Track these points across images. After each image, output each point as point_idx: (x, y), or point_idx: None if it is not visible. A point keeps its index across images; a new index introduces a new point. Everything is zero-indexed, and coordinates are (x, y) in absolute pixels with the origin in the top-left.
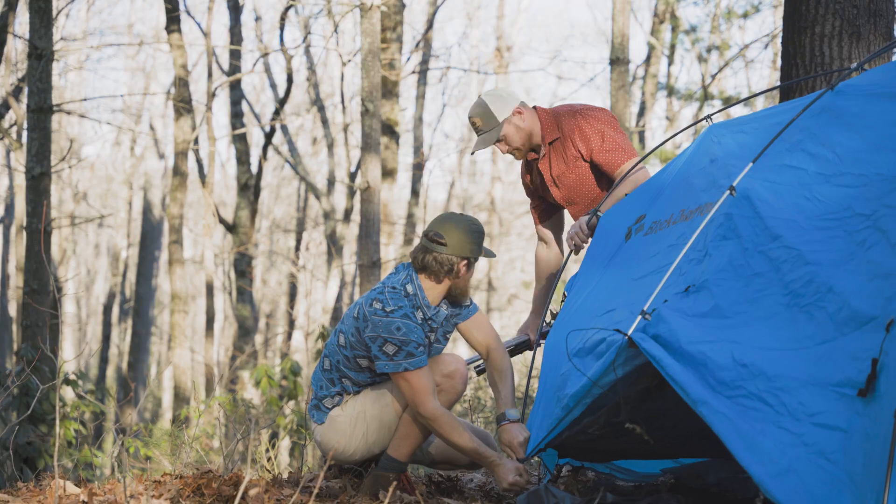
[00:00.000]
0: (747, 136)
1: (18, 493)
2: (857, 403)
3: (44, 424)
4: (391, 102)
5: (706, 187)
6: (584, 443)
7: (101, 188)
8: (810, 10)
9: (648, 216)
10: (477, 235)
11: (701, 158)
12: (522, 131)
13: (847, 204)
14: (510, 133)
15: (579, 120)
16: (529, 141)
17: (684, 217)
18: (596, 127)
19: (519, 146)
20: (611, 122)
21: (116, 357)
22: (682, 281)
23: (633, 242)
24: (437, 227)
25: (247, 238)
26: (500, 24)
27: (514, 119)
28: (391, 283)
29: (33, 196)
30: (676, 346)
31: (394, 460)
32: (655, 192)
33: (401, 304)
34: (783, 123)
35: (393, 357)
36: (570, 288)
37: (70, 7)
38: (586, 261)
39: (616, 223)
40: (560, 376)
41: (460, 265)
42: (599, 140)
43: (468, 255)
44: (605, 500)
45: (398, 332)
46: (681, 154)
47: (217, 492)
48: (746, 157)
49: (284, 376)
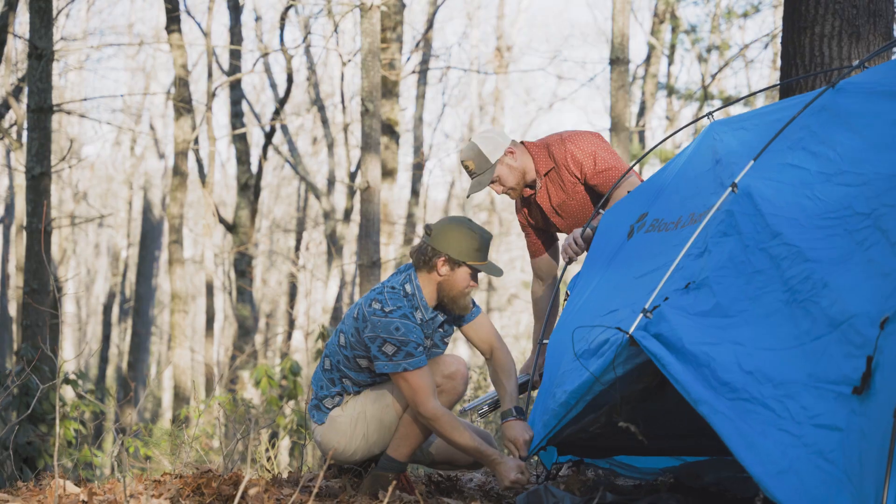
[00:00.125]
0: (748, 132)
1: (18, 493)
2: (853, 401)
3: (44, 424)
4: (391, 102)
5: (715, 190)
6: (584, 440)
7: (102, 188)
8: (810, 10)
9: (650, 214)
10: (469, 240)
11: (704, 158)
12: (516, 170)
13: (847, 203)
14: (504, 174)
15: (569, 146)
16: (524, 179)
17: (693, 220)
18: (587, 150)
19: (514, 185)
20: (600, 144)
21: (116, 357)
22: (682, 277)
23: (636, 240)
24: (437, 222)
25: (247, 238)
26: (501, 23)
27: (506, 159)
28: (391, 283)
29: (33, 196)
30: (679, 346)
31: (393, 460)
32: (657, 189)
33: (399, 305)
34: (784, 120)
35: (392, 357)
36: (572, 287)
37: (70, 7)
38: (588, 259)
39: (618, 221)
40: (561, 374)
41: (438, 260)
42: (592, 162)
43: (448, 252)
44: (604, 500)
45: (397, 333)
46: (682, 152)
47: (217, 491)
48: (748, 155)
49: (284, 376)
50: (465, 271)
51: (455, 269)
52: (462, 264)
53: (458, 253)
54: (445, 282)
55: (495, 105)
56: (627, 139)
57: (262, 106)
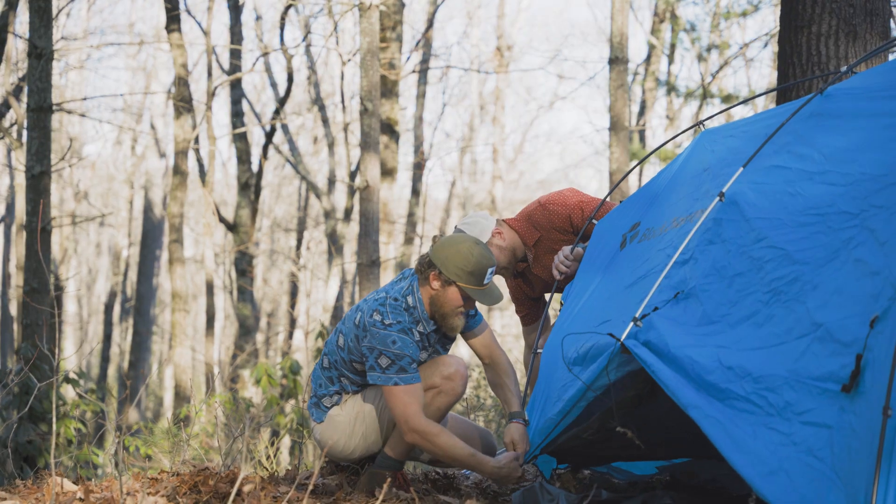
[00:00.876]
0: (738, 140)
1: (16, 491)
2: (842, 399)
3: (44, 423)
4: (391, 102)
5: (699, 196)
6: (578, 448)
7: (103, 187)
8: (807, 10)
9: (643, 223)
10: (464, 261)
11: (694, 166)
12: (505, 251)
13: (831, 201)
14: (495, 256)
15: (551, 208)
16: (514, 257)
17: (675, 224)
18: (571, 203)
19: (506, 265)
20: (579, 195)
21: (118, 356)
22: (669, 287)
23: (628, 251)
24: (448, 235)
25: (247, 237)
26: (501, 23)
27: (494, 241)
28: (393, 293)
29: (33, 195)
30: (666, 352)
31: (390, 458)
32: (650, 198)
33: (400, 319)
34: (773, 127)
35: (385, 370)
36: (566, 296)
37: (71, 6)
38: (583, 268)
39: (611, 231)
40: (559, 384)
41: (431, 273)
42: (580, 211)
43: (441, 268)
44: (599, 498)
45: (393, 346)
46: (675, 160)
47: (214, 489)
48: (737, 163)
49: (284, 375)
50: (455, 291)
51: (446, 287)
52: (453, 283)
53: (450, 271)
54: (436, 297)
55: (496, 104)
56: (626, 138)
57: (263, 105)
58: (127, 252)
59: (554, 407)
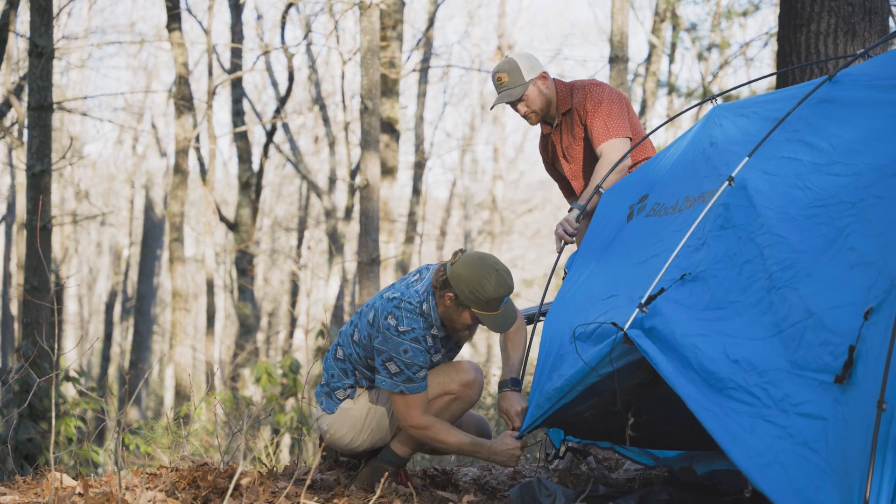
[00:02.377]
0: (749, 120)
1: (15, 486)
2: (835, 390)
3: (45, 421)
4: (391, 101)
5: (708, 173)
6: (580, 423)
7: (103, 186)
8: (806, 8)
9: (651, 196)
10: (481, 289)
11: (703, 142)
12: (543, 96)
13: (835, 192)
14: (533, 95)
15: (587, 90)
16: (547, 108)
17: (689, 204)
18: (597, 96)
19: (537, 110)
20: (615, 98)
21: (118, 356)
22: (678, 268)
23: (635, 224)
24: (469, 253)
25: (248, 236)
26: (502, 22)
27: (538, 82)
28: (409, 295)
29: (34, 194)
30: (671, 339)
31: (396, 455)
32: (658, 171)
33: (414, 326)
34: (784, 110)
35: (393, 376)
36: (570, 265)
37: (72, 5)
38: (587, 238)
39: (618, 201)
40: (558, 356)
41: (446, 292)
42: (594, 106)
43: (457, 292)
44: (596, 493)
45: (405, 355)
46: (685, 134)
47: (212, 484)
48: (746, 143)
49: (285, 374)
50: (468, 313)
51: (459, 308)
52: (468, 308)
53: (465, 296)
54: (448, 313)
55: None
56: None
57: (264, 104)
58: (127, 251)
59: (555, 384)
